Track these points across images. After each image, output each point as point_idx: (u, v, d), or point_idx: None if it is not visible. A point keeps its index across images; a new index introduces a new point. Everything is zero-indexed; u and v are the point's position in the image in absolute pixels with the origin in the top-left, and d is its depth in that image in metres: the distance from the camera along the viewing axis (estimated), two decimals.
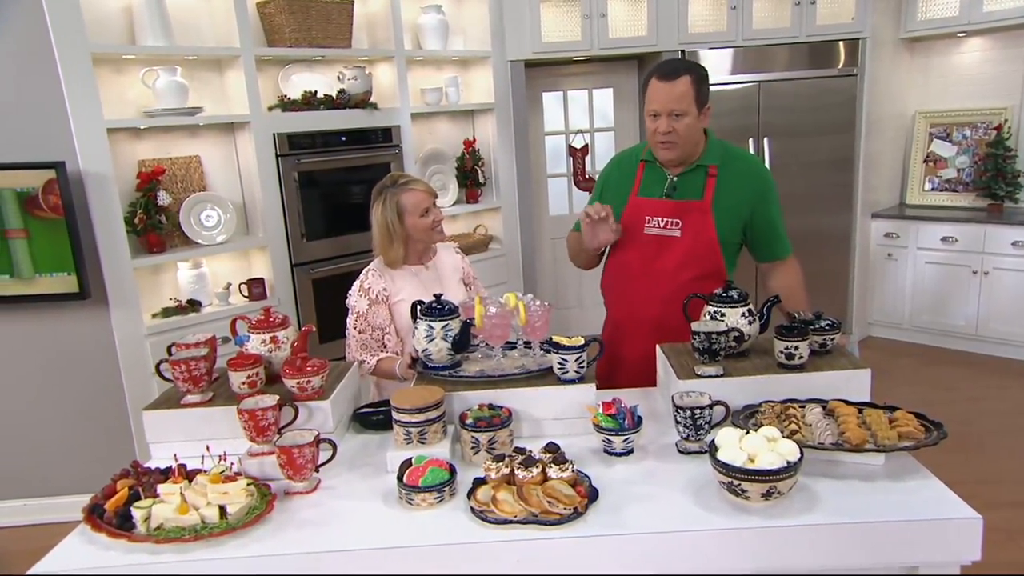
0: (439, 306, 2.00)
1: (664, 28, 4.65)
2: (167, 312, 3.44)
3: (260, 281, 3.72)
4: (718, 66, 4.78)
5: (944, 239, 4.86)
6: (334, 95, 3.90)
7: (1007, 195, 4.86)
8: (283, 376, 1.86)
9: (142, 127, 3.36)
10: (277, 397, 1.78)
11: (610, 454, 1.80)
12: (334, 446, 1.72)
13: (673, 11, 4.62)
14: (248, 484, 1.59)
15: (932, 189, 5.27)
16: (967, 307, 4.83)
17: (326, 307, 3.94)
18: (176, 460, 1.61)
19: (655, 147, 2.23)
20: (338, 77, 3.97)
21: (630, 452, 1.80)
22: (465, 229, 4.82)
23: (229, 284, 3.67)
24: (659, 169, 2.30)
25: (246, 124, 3.59)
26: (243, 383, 1.86)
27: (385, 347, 2.41)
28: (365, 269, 2.47)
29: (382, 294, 2.39)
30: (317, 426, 1.87)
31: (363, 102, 3.97)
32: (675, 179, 2.27)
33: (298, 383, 1.84)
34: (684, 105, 2.11)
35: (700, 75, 2.15)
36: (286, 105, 3.77)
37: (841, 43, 4.78)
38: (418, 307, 2.03)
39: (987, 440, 3.73)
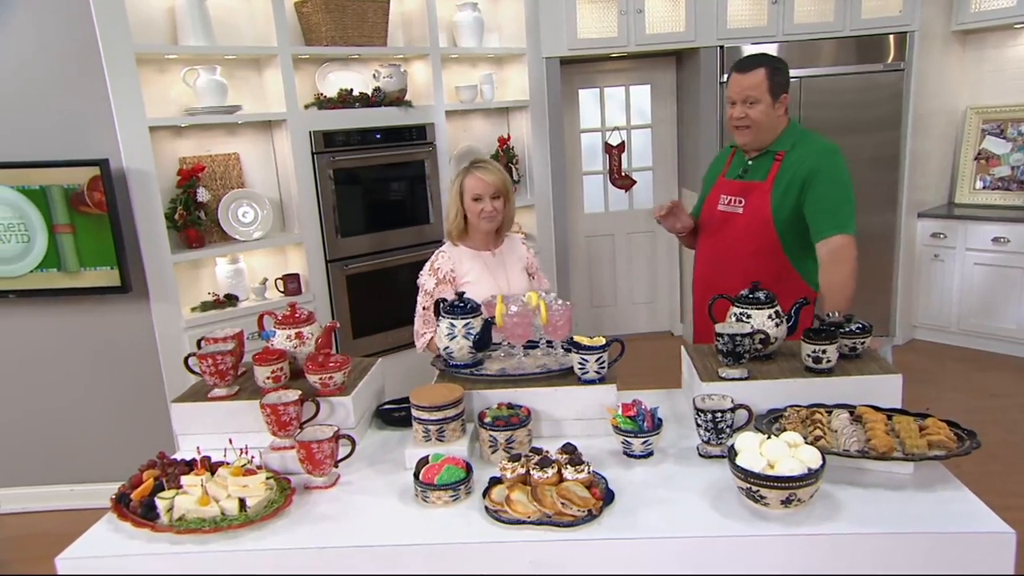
0: (461, 304, 2.00)
1: (703, 23, 4.57)
2: (205, 306, 3.51)
3: (295, 277, 3.78)
4: None
5: (995, 239, 4.68)
6: (369, 93, 3.93)
7: None
8: (306, 371, 1.88)
9: (183, 125, 3.45)
10: (299, 392, 1.80)
11: (629, 456, 1.78)
12: (353, 442, 1.74)
13: (712, 6, 4.54)
14: (268, 478, 1.61)
15: (983, 187, 5.07)
16: (1019, 310, 4.64)
17: (360, 303, 3.98)
18: (199, 452, 1.65)
19: (732, 132, 2.45)
20: (373, 75, 4.01)
21: (650, 455, 1.78)
22: None
23: (265, 279, 3.74)
24: (742, 154, 2.51)
25: (283, 122, 3.65)
26: (268, 378, 1.89)
27: None
28: (437, 250, 2.56)
29: (450, 274, 2.46)
30: (339, 422, 1.89)
31: (398, 100, 4.00)
32: (750, 163, 2.47)
33: (320, 379, 1.87)
34: (757, 93, 2.32)
35: (776, 67, 2.35)
36: (322, 103, 3.82)
37: (888, 37, 4.63)
38: (441, 305, 2.04)
39: None
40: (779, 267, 2.38)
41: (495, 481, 1.62)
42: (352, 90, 3.89)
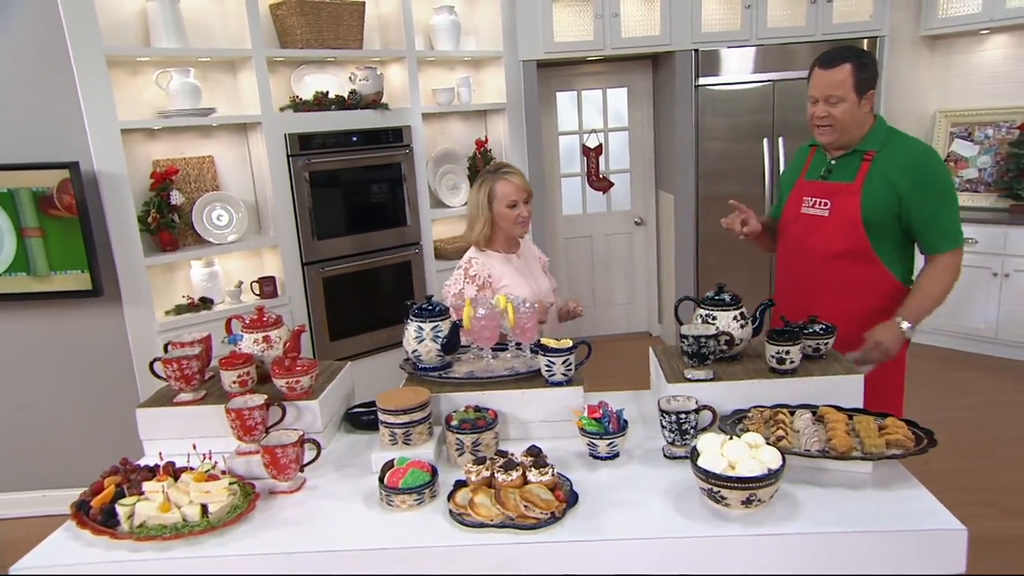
0: (429, 307, 1.99)
1: (677, 27, 4.60)
2: (179, 309, 3.48)
3: (271, 279, 3.75)
4: (732, 65, 4.72)
5: (965, 240, 4.73)
6: (345, 96, 3.92)
7: None
8: (272, 375, 1.87)
9: (156, 128, 3.41)
10: (265, 396, 1.79)
11: (595, 458, 1.78)
12: (318, 446, 1.73)
13: (686, 10, 4.56)
14: (231, 483, 1.60)
15: None
16: (987, 310, 4.71)
17: (337, 305, 3.96)
18: (162, 458, 1.63)
19: (813, 131, 2.31)
20: (350, 78, 3.99)
21: (615, 456, 1.78)
22: None
23: (241, 282, 3.71)
24: (823, 153, 2.37)
25: (258, 124, 3.62)
26: (234, 382, 1.87)
27: None
28: (466, 257, 2.52)
29: (487, 280, 2.44)
30: (306, 426, 1.87)
31: (374, 102, 3.98)
32: (833, 162, 2.32)
33: (287, 383, 1.85)
34: (841, 91, 2.16)
35: (862, 62, 2.18)
36: (298, 105, 3.79)
37: (859, 41, 4.67)
38: (409, 307, 2.03)
39: (1005, 446, 3.63)
40: (869, 266, 2.26)
41: (460, 484, 1.62)
42: (328, 92, 3.87)
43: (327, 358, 3.83)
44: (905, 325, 2.15)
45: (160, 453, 1.64)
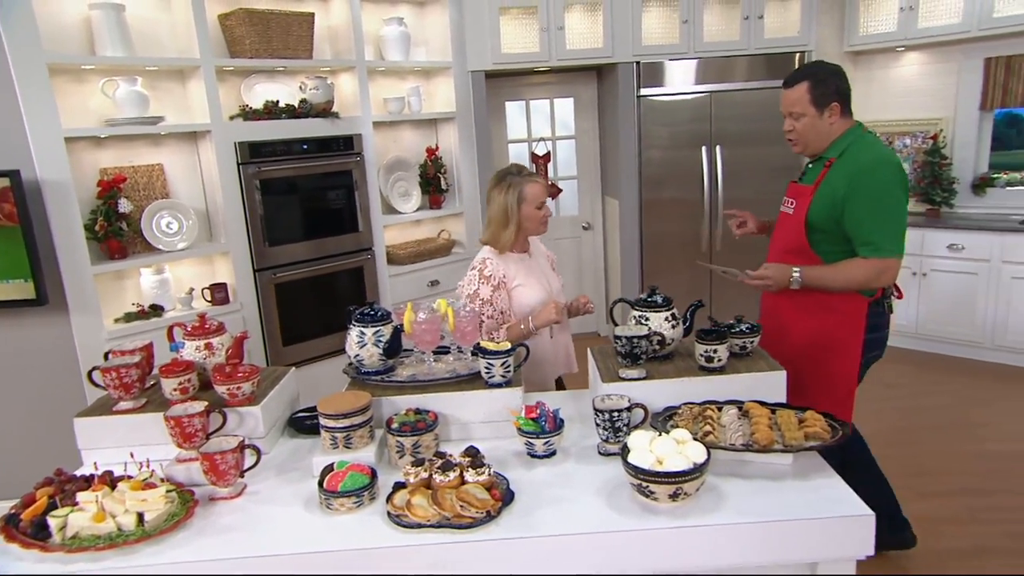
0: (371, 312, 1.96)
1: (619, 40, 4.64)
2: (129, 317, 3.37)
3: (223, 286, 3.66)
4: (672, 77, 4.79)
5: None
6: (296, 104, 3.85)
7: (943, 200, 4.90)
8: (213, 382, 1.82)
9: (103, 136, 3.29)
10: (206, 403, 1.74)
11: (532, 456, 1.77)
12: (258, 452, 1.68)
13: (628, 24, 4.61)
14: (169, 491, 1.54)
15: None
16: (908, 307, 4.86)
17: (290, 310, 3.89)
18: (96, 468, 1.57)
19: (788, 142, 2.41)
20: (300, 87, 3.92)
21: (552, 454, 1.78)
22: (429, 234, 4.78)
23: (192, 289, 3.61)
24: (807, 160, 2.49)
25: (207, 133, 3.53)
26: (175, 389, 1.82)
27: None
28: (480, 258, 2.49)
29: (502, 280, 2.42)
30: (248, 431, 1.83)
31: (325, 111, 3.92)
32: (809, 166, 2.44)
33: (228, 389, 1.80)
34: (800, 108, 2.28)
35: (819, 79, 2.26)
36: (248, 114, 3.71)
37: (789, 55, 4.79)
38: (351, 313, 1.99)
39: (924, 434, 3.75)
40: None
41: (399, 486, 1.59)
42: (278, 101, 3.80)
43: (280, 363, 3.75)
44: (795, 274, 2.25)
45: (95, 463, 1.58)
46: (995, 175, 4.89)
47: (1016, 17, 4.27)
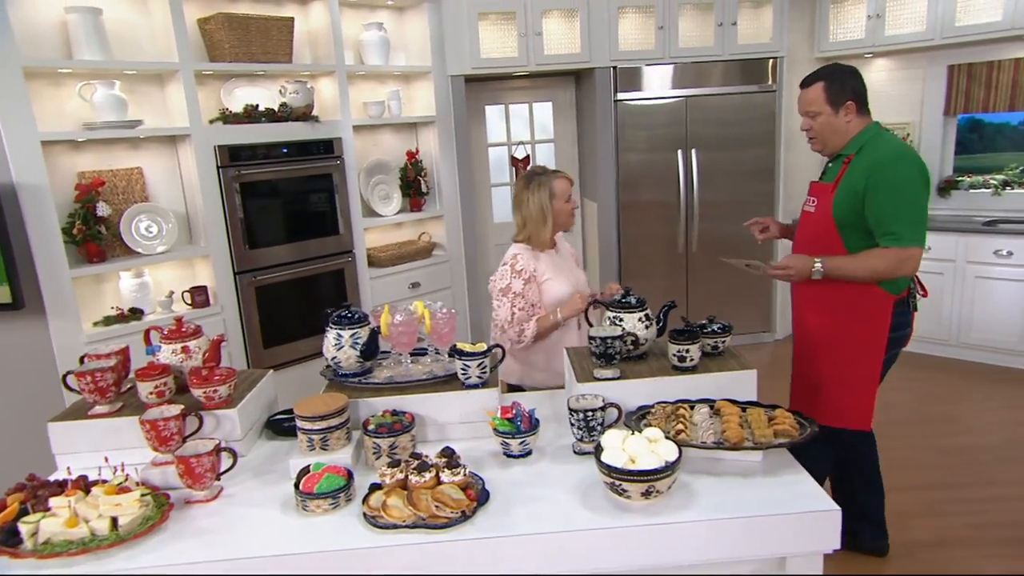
0: (348, 314, 1.95)
1: (596, 46, 4.66)
2: (108, 320, 3.32)
3: (203, 289, 3.62)
4: (648, 81, 4.81)
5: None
6: (276, 108, 3.81)
7: None
8: (190, 385, 1.79)
9: (81, 140, 3.24)
10: (181, 407, 1.71)
11: (508, 456, 1.77)
12: (234, 454, 1.66)
13: (604, 30, 4.63)
14: (143, 494, 1.52)
15: None
16: None
17: (271, 313, 3.85)
18: (70, 473, 1.54)
19: (808, 141, 2.45)
20: (280, 91, 3.89)
21: (528, 454, 1.77)
22: (410, 236, 4.76)
23: (172, 292, 3.56)
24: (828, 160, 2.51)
25: (187, 137, 3.49)
26: (151, 393, 1.79)
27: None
28: (511, 254, 2.54)
29: (533, 274, 2.48)
30: (225, 434, 1.81)
31: (305, 115, 3.89)
32: (829, 165, 2.46)
33: (204, 392, 1.78)
34: (816, 107, 2.32)
35: (834, 79, 2.30)
36: (227, 118, 3.67)
37: (761, 61, 4.83)
38: (328, 315, 1.98)
39: (892, 429, 3.79)
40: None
41: (375, 487, 1.58)
42: (258, 105, 3.76)
43: (261, 366, 3.72)
44: (817, 265, 2.25)
45: (68, 468, 1.55)
46: (959, 178, 4.97)
47: (976, 26, 4.35)
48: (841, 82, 2.29)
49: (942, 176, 5.02)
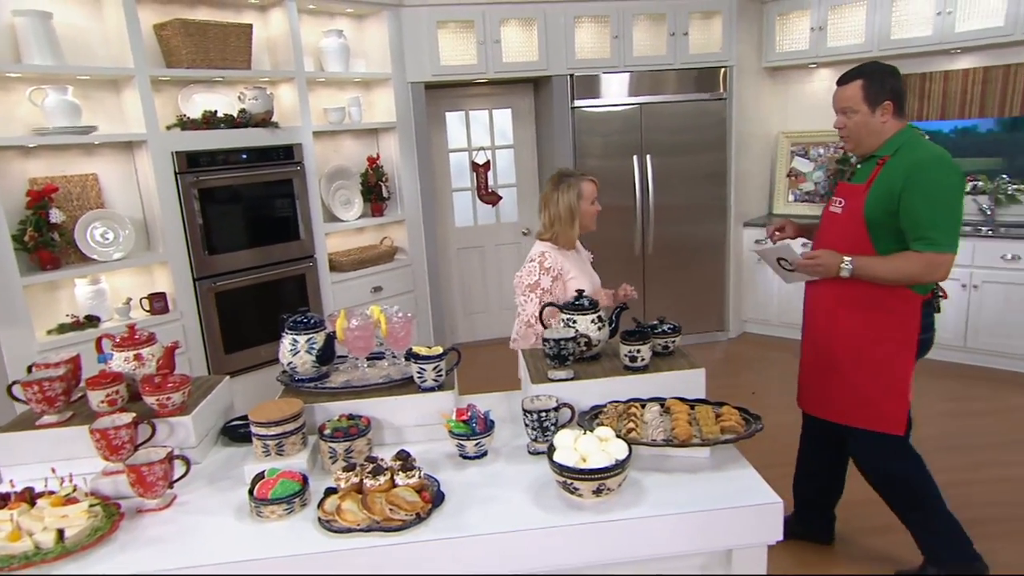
0: (304, 320, 1.92)
1: (554, 54, 4.68)
2: (63, 328, 3.21)
3: (162, 295, 3.53)
4: (604, 89, 4.85)
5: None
6: (235, 114, 3.74)
7: None
8: (142, 393, 1.74)
9: (31, 145, 3.13)
10: (133, 415, 1.66)
11: (464, 458, 1.76)
12: (188, 462, 1.62)
13: (561, 38, 4.66)
14: (92, 505, 1.47)
15: (794, 200, 5.48)
16: None
17: (231, 319, 3.77)
18: (12, 485, 1.48)
19: (841, 139, 2.36)
20: (239, 97, 3.82)
21: (483, 455, 1.77)
22: (372, 241, 4.72)
23: (129, 299, 3.46)
24: (856, 160, 2.42)
25: (144, 143, 3.40)
26: (102, 401, 1.73)
27: None
28: (537, 251, 2.56)
29: (560, 272, 2.51)
30: (179, 442, 1.76)
31: (264, 121, 3.82)
32: (859, 167, 2.37)
33: (157, 399, 1.73)
34: (852, 104, 2.22)
35: (873, 78, 2.20)
36: (185, 124, 3.59)
37: (712, 70, 4.91)
38: (284, 320, 1.94)
39: None
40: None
41: (330, 491, 1.55)
42: (217, 112, 3.69)
43: (222, 372, 3.64)
44: (847, 260, 2.19)
45: (11, 480, 1.49)
46: None
47: (909, 40, 4.50)
48: (881, 81, 2.20)
49: None
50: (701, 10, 4.81)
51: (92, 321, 3.30)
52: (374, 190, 4.50)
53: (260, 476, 1.58)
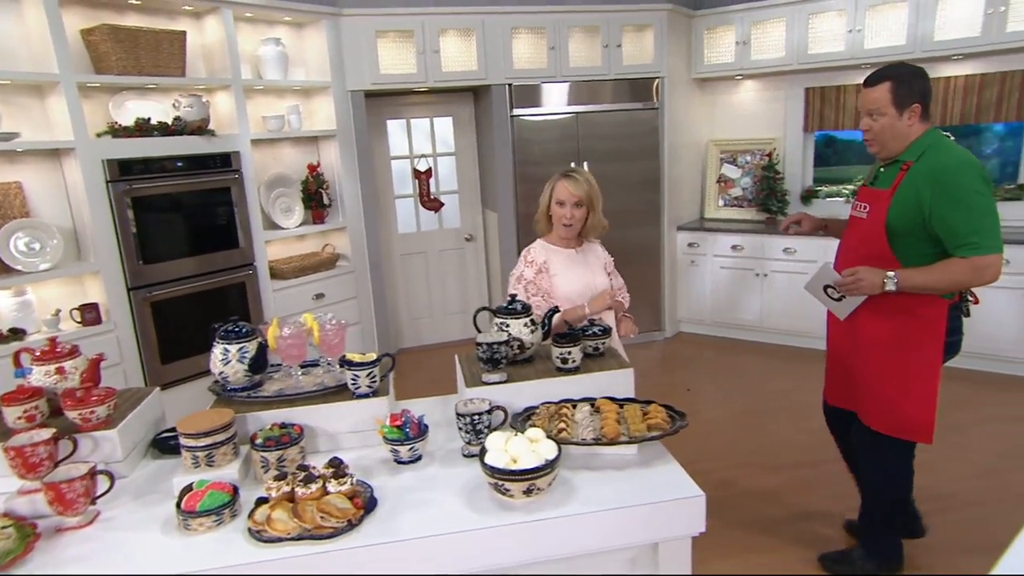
0: (235, 329, 1.86)
1: (492, 64, 4.69)
2: None
3: (94, 306, 3.37)
4: (542, 98, 4.89)
5: (734, 247, 5.21)
6: (169, 122, 3.61)
7: (778, 210, 5.29)
8: (63, 408, 1.65)
9: None
10: (53, 430, 1.58)
11: (399, 463, 1.73)
12: (111, 477, 1.55)
13: (499, 49, 4.67)
14: (4, 527, 1.38)
15: (724, 205, 5.64)
16: (752, 304, 5.20)
17: (168, 328, 3.63)
18: None
19: (865, 143, 2.28)
20: (173, 105, 3.69)
21: (418, 459, 1.75)
22: (313, 248, 4.62)
23: (59, 310, 3.29)
24: (879, 163, 2.33)
25: (72, 150, 3.24)
26: (19, 418, 1.64)
27: None
28: (530, 245, 2.54)
29: (543, 265, 2.46)
30: (104, 456, 1.68)
31: (200, 129, 3.70)
32: (882, 170, 2.29)
33: (80, 414, 1.64)
34: (880, 106, 2.15)
35: (902, 80, 2.13)
36: (117, 132, 3.44)
37: (645, 81, 5.01)
38: (215, 330, 1.88)
39: (768, 416, 4.00)
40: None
41: (261, 501, 1.51)
42: (150, 119, 3.55)
43: (159, 382, 3.51)
44: (890, 275, 2.11)
45: None
46: (818, 188, 5.34)
47: (824, 55, 4.70)
48: (909, 83, 2.13)
49: (804, 186, 5.38)
50: (633, 24, 4.90)
51: (17, 334, 3.12)
52: (315, 197, 4.42)
53: (188, 488, 1.52)
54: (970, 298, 2.26)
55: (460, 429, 1.74)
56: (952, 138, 2.26)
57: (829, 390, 2.58)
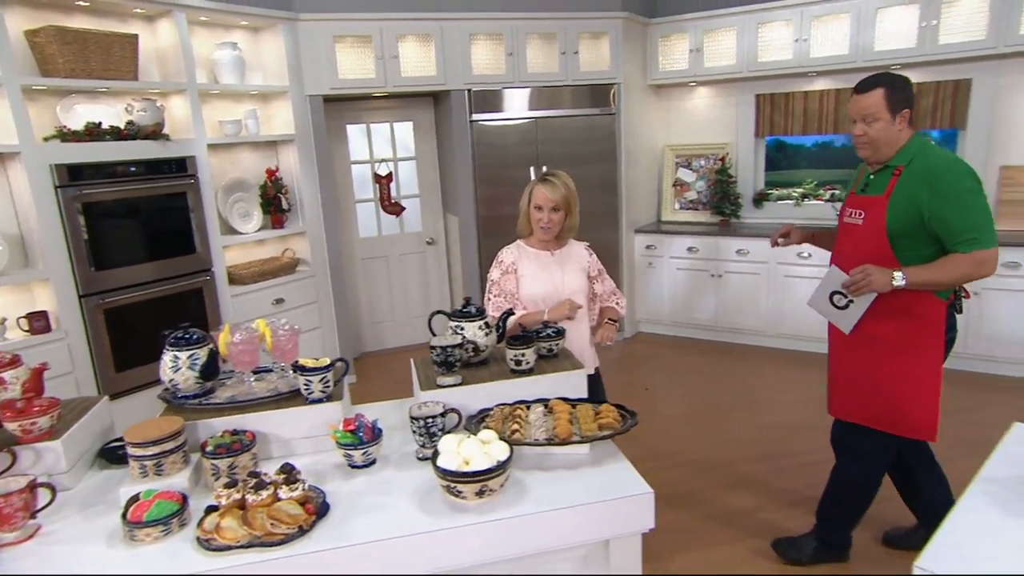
0: (185, 336, 1.82)
1: (451, 69, 4.68)
2: None
3: (43, 314, 3.25)
4: (501, 104, 4.90)
5: (689, 249, 5.29)
6: (122, 126, 3.51)
7: (731, 213, 5.39)
8: (3, 420, 1.59)
9: None
10: None
11: (352, 467, 1.71)
12: (53, 489, 1.49)
13: (458, 55, 4.66)
14: None
15: (680, 208, 5.73)
16: (708, 304, 5.29)
17: (122, 336, 3.52)
18: None
19: (856, 148, 2.30)
20: (126, 109, 3.59)
21: (372, 463, 1.73)
22: (273, 253, 4.54)
23: (4, 319, 3.17)
24: (867, 169, 2.35)
25: (17, 155, 3.12)
26: None
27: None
28: (507, 246, 2.56)
29: (511, 266, 2.49)
30: (47, 468, 1.62)
31: (154, 133, 3.61)
32: (872, 177, 2.31)
33: (20, 425, 1.59)
34: (874, 112, 2.18)
35: (894, 86, 2.18)
36: (66, 136, 3.33)
37: (602, 87, 5.06)
38: (164, 337, 1.83)
39: (722, 412, 4.07)
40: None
41: (211, 509, 1.47)
42: (101, 123, 3.44)
43: (113, 390, 3.40)
44: (899, 275, 2.13)
45: None
46: (769, 191, 5.46)
47: (772, 63, 4.83)
48: (901, 89, 2.18)
49: (756, 189, 5.49)
50: (590, 31, 4.95)
51: None
52: (274, 202, 4.34)
53: (135, 498, 1.48)
54: (963, 294, 2.30)
55: (414, 432, 1.73)
56: (934, 141, 2.36)
57: (836, 405, 2.49)
